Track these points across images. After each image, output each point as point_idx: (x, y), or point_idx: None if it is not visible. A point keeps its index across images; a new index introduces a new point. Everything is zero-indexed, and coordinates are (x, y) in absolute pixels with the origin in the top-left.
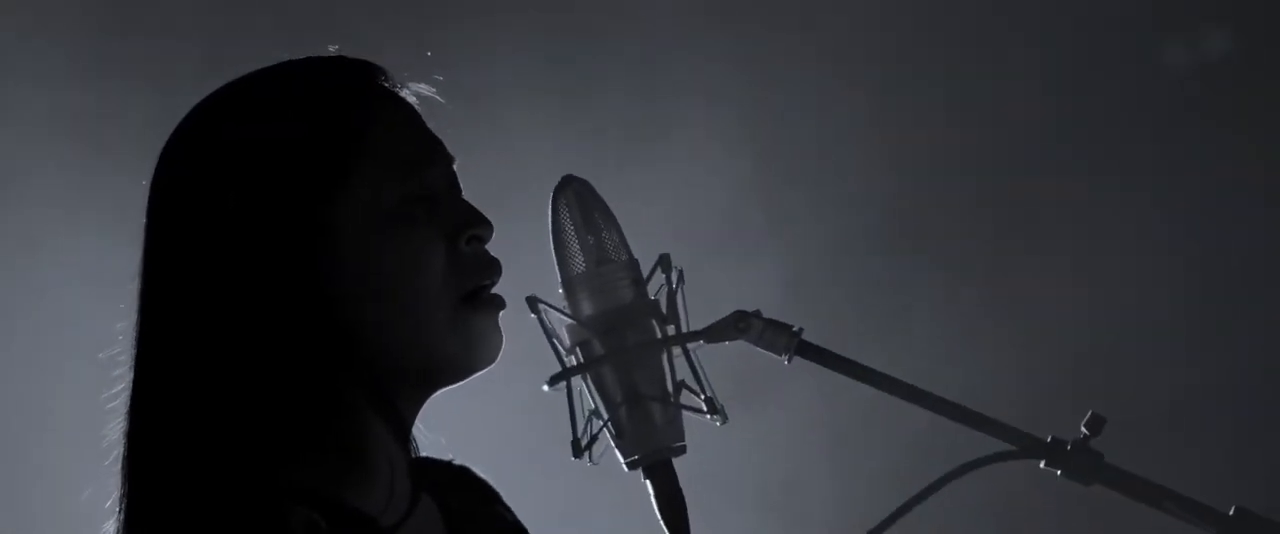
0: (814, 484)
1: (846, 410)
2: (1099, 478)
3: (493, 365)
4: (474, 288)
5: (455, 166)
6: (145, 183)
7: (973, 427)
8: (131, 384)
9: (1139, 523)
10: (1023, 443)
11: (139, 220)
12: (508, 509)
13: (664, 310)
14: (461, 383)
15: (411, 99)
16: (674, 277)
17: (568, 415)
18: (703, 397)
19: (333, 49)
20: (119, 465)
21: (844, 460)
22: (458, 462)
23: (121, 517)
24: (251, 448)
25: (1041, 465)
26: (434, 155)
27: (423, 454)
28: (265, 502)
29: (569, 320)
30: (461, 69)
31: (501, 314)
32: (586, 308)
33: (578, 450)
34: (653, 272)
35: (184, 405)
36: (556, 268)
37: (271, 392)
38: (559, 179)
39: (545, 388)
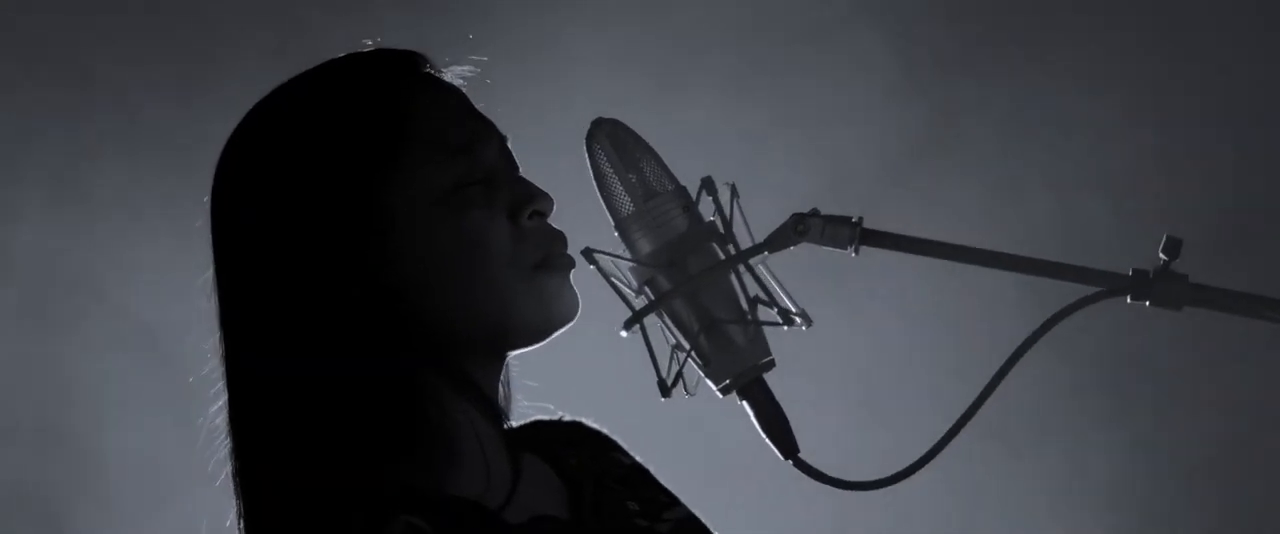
0: (904, 369)
1: (921, 290)
2: (1189, 300)
3: (572, 324)
4: (541, 256)
5: (510, 144)
6: (206, 199)
7: (1052, 276)
8: (227, 402)
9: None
10: (1107, 282)
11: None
12: (626, 455)
13: (722, 230)
14: (538, 345)
15: (458, 82)
16: (726, 194)
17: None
18: (777, 310)
19: (369, 43)
20: (231, 484)
21: (927, 341)
22: (567, 417)
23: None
24: (348, 451)
25: (1128, 300)
26: (484, 135)
27: (533, 418)
28: (367, 515)
29: (630, 263)
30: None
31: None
32: (644, 246)
33: (665, 390)
34: (698, 196)
35: (279, 418)
36: (608, 215)
37: (354, 390)
38: (589, 125)
39: (622, 333)
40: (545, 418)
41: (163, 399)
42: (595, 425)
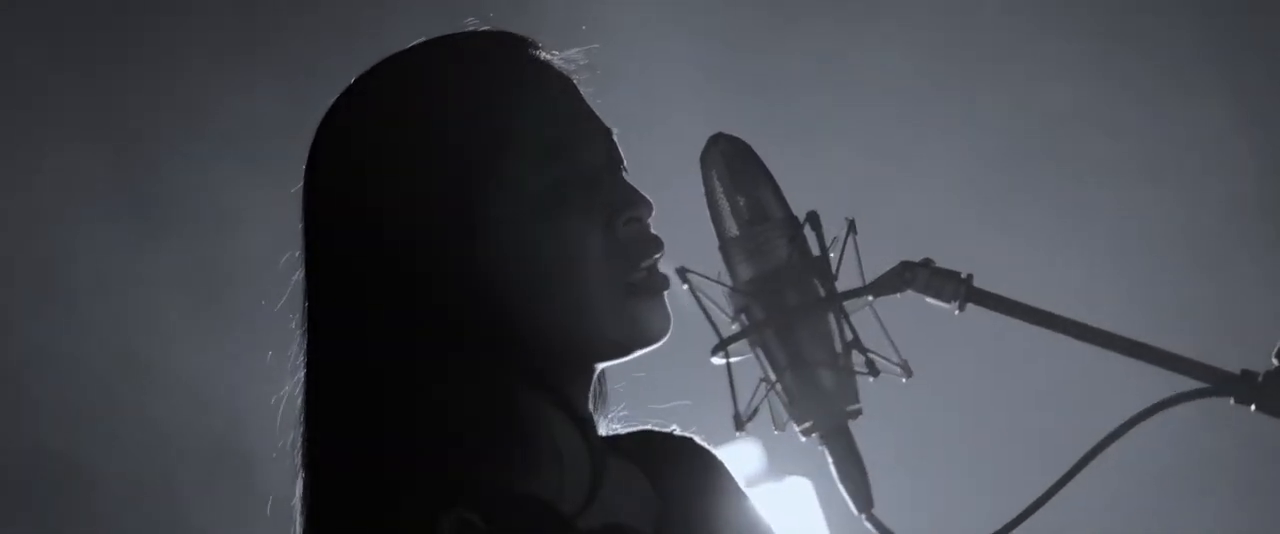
0: (997, 434)
1: (1019, 356)
2: None
3: (661, 343)
4: (634, 271)
5: (615, 137)
6: (295, 190)
7: (1157, 365)
8: (304, 386)
9: None
10: (1214, 379)
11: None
12: (729, 477)
13: (831, 268)
14: (625, 360)
15: (568, 68)
16: (837, 231)
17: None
18: (866, 356)
19: (471, 22)
20: (297, 460)
21: (1023, 408)
22: (678, 431)
23: (301, 517)
24: (420, 441)
25: (1231, 402)
26: (587, 131)
27: (645, 427)
28: (420, 505)
29: (725, 288)
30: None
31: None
32: (744, 272)
33: (739, 422)
34: (800, 229)
35: (354, 402)
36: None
37: (438, 390)
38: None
39: (714, 360)
40: (657, 429)
41: None
42: (705, 444)
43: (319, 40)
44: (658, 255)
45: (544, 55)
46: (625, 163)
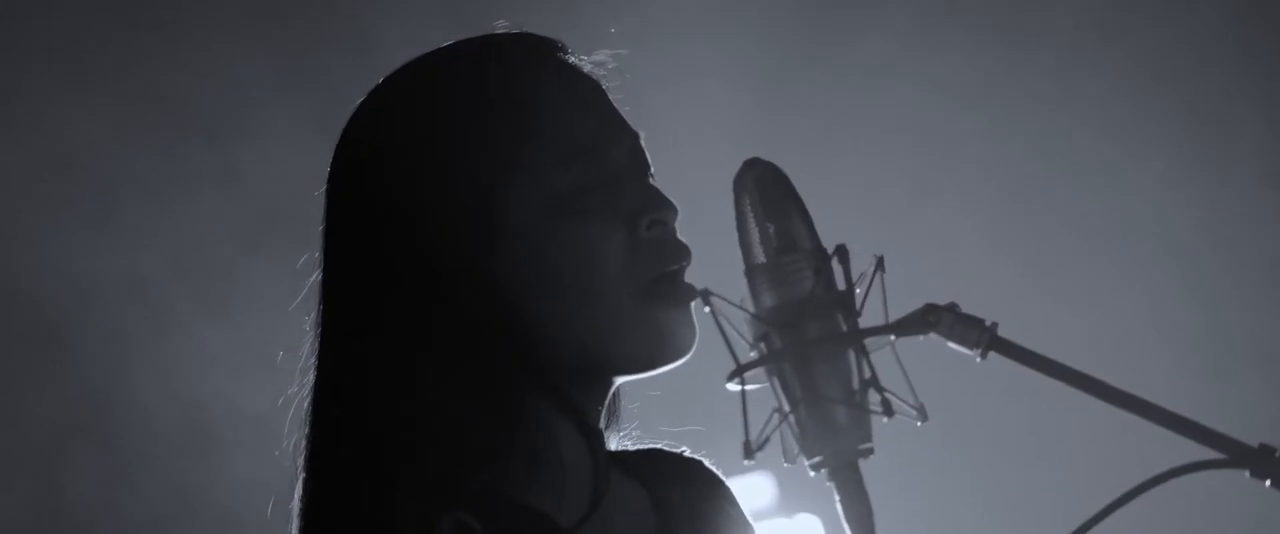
0: (1004, 487)
1: (1037, 410)
2: None
3: (685, 359)
4: (656, 277)
5: (643, 142)
6: (318, 192)
7: (1174, 430)
8: (314, 385)
9: None
10: (1232, 450)
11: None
12: (734, 504)
13: (855, 303)
14: (646, 375)
15: (598, 73)
16: (860, 268)
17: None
18: (883, 395)
19: (501, 24)
20: (300, 458)
21: (1034, 460)
22: (689, 453)
23: (299, 518)
24: (424, 444)
25: (1247, 475)
26: (612, 134)
27: (655, 446)
28: (420, 508)
29: (747, 315)
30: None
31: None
32: (767, 299)
33: (749, 451)
34: (828, 262)
35: (361, 401)
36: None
37: (448, 394)
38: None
39: (729, 386)
40: (667, 449)
41: None
42: (713, 468)
43: (344, 52)
44: (684, 262)
45: (572, 59)
46: (653, 169)
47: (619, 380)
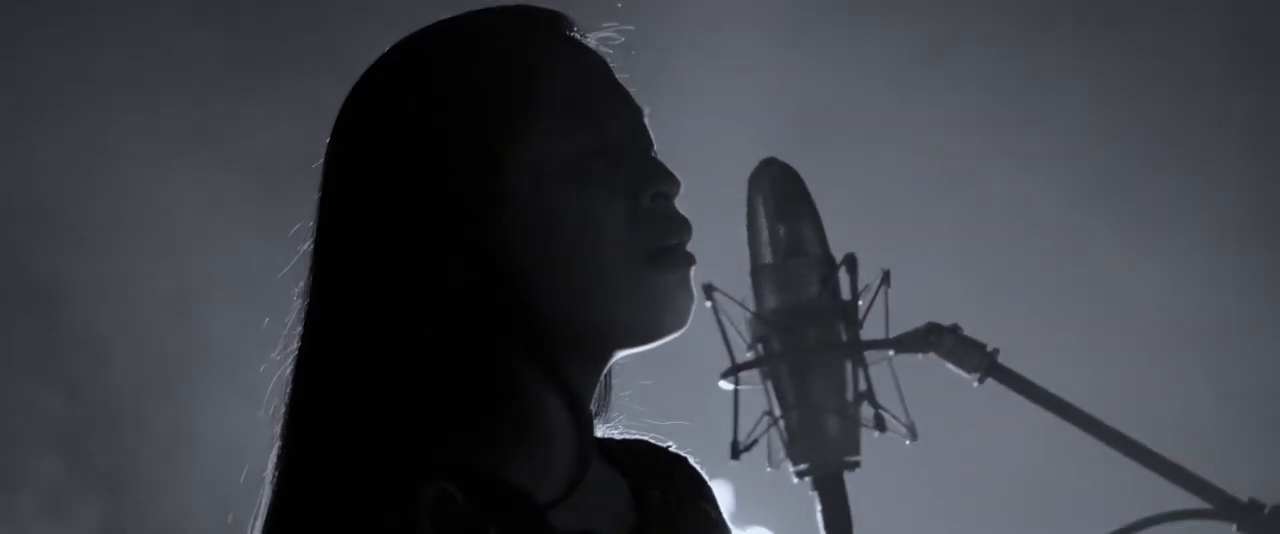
0: (987, 516)
1: (1030, 438)
2: None
3: (682, 331)
4: (658, 248)
5: (646, 118)
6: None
7: (1166, 476)
8: (296, 352)
9: None
10: (1219, 502)
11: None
12: (714, 507)
13: (857, 314)
14: (643, 349)
15: (604, 50)
16: (867, 279)
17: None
18: (876, 410)
19: None
20: (277, 427)
21: (1020, 490)
22: (674, 448)
23: (272, 486)
24: (408, 413)
25: (1234, 529)
26: (616, 105)
27: (640, 436)
28: (397, 476)
29: (748, 314)
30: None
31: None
32: (770, 301)
33: (736, 451)
34: (835, 270)
35: (345, 369)
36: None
37: (437, 362)
38: (758, 162)
39: (721, 383)
40: (652, 441)
41: None
42: (697, 467)
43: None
44: (686, 236)
45: (577, 33)
46: (656, 146)
47: (615, 356)
